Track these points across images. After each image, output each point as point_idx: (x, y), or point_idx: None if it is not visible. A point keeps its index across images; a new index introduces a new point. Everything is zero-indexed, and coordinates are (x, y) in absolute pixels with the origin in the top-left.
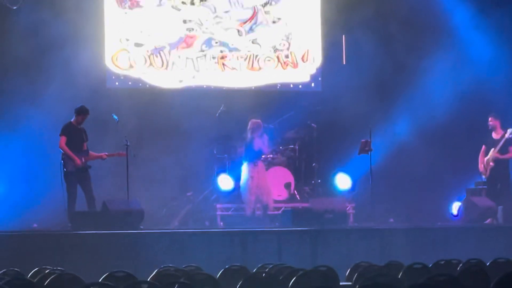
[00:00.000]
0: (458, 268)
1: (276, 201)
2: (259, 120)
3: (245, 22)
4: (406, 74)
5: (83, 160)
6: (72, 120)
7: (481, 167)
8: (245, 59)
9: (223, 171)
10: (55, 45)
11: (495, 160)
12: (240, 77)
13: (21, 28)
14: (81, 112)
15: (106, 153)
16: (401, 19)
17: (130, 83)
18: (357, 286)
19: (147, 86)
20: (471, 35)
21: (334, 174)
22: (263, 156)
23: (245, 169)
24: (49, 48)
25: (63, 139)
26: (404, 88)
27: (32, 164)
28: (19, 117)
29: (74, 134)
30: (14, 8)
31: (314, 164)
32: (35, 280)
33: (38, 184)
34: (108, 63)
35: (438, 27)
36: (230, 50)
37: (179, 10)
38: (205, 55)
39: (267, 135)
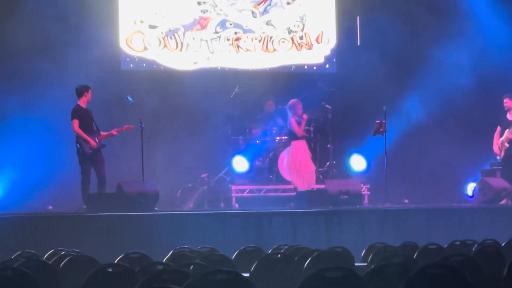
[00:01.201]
0: (473, 249)
1: (291, 183)
2: (294, 100)
3: (259, 4)
4: (421, 55)
5: (97, 140)
6: (78, 102)
7: (495, 148)
8: (260, 41)
9: (238, 152)
10: (69, 28)
11: (510, 141)
12: (254, 58)
13: (35, 11)
14: (85, 90)
15: (116, 129)
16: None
17: (144, 65)
18: (372, 267)
19: (162, 68)
20: (489, 16)
21: (349, 155)
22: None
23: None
24: (63, 30)
25: (76, 123)
26: (419, 69)
27: (47, 146)
28: (34, 99)
29: (84, 116)
30: None
31: (329, 145)
32: (51, 261)
33: (54, 166)
34: (123, 45)
35: (455, 8)
36: (245, 31)
37: None
38: (219, 37)
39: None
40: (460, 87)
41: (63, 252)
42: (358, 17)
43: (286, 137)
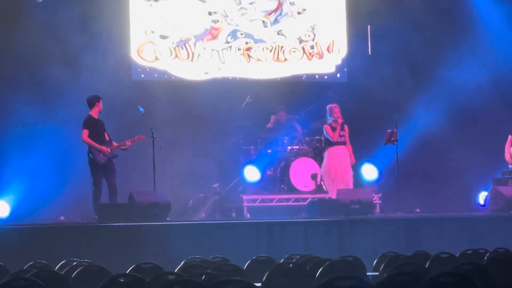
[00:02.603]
0: (485, 257)
1: (302, 192)
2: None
3: (270, 13)
4: (432, 64)
5: (109, 150)
6: (90, 112)
7: (507, 156)
8: (271, 50)
9: (250, 162)
10: (80, 38)
11: None
12: (265, 68)
13: (46, 22)
14: (94, 100)
15: (129, 140)
16: (428, 8)
17: (155, 75)
18: (384, 276)
19: (173, 78)
20: (503, 25)
21: (361, 165)
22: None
23: None
24: (74, 41)
25: (85, 132)
26: (430, 78)
27: (59, 157)
28: (46, 110)
29: (96, 126)
30: (40, 1)
31: None
32: (63, 272)
33: (65, 176)
34: (134, 56)
35: (467, 16)
36: (256, 41)
37: (204, 1)
38: (230, 47)
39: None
40: (472, 96)
41: (74, 263)
42: (369, 26)
43: (297, 147)
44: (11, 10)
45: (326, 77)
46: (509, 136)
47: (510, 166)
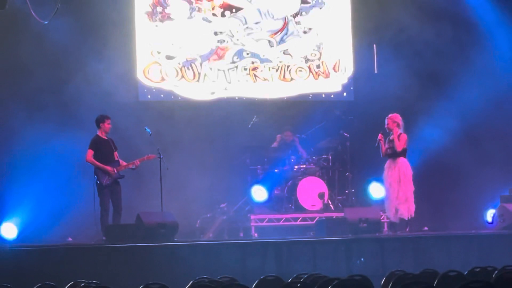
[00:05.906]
0: (493, 275)
1: (310, 211)
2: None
3: (276, 33)
4: (438, 83)
5: (115, 170)
6: (97, 132)
7: None
8: (277, 70)
9: (257, 182)
10: (86, 60)
11: None
12: (272, 88)
13: (53, 43)
14: (101, 120)
15: (139, 159)
16: (435, 26)
17: (162, 95)
18: None
19: (179, 98)
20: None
21: (368, 183)
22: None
23: None
24: (80, 62)
25: (90, 152)
26: (437, 96)
27: (66, 178)
28: (52, 131)
29: (103, 146)
30: (46, 23)
31: (347, 173)
32: None
33: (72, 197)
34: (140, 76)
35: (477, 31)
36: (262, 61)
37: (209, 22)
38: (236, 67)
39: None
40: (479, 114)
41: (82, 284)
42: (375, 45)
43: (304, 166)
44: (18, 31)
45: (332, 96)
46: None
47: None
